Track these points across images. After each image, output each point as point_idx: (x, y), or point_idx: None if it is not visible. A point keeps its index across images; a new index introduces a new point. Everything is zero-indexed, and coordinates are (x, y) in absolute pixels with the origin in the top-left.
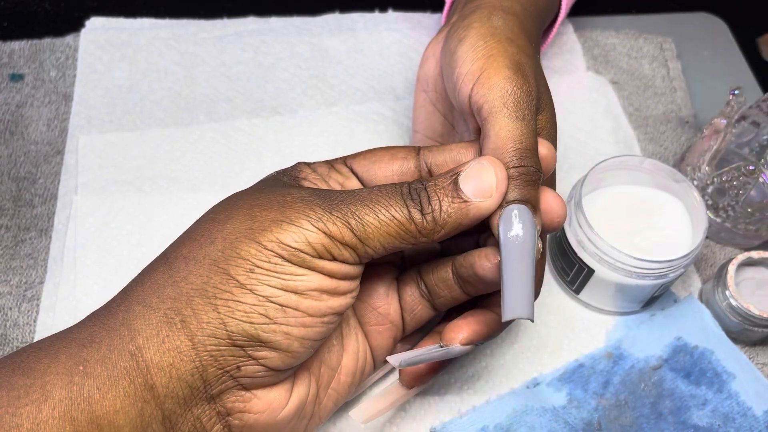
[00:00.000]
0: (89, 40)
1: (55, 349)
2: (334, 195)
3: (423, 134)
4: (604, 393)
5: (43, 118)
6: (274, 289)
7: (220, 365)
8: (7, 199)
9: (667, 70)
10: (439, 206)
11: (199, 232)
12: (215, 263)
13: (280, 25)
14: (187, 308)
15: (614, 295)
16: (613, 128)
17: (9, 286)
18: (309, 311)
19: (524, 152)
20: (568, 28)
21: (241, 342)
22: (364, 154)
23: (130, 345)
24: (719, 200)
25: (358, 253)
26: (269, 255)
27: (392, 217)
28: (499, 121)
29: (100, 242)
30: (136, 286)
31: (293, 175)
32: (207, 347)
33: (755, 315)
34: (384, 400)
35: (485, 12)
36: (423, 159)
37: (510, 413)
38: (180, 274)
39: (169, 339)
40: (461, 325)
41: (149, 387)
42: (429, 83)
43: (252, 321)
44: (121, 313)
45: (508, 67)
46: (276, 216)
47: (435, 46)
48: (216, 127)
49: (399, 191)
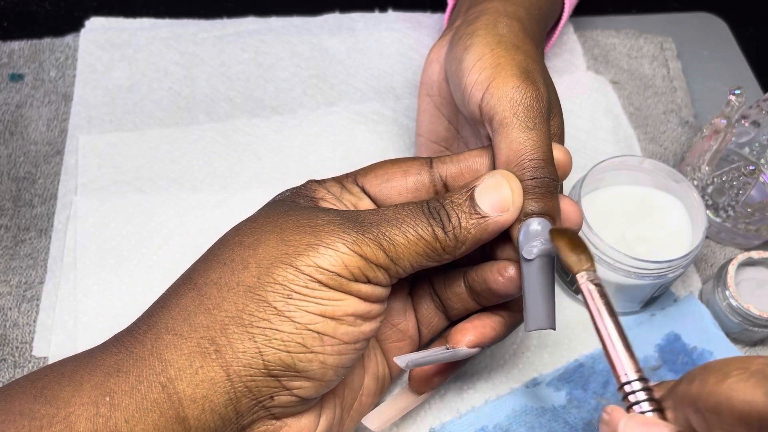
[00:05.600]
0: (89, 40)
1: (78, 377)
2: (362, 216)
3: (427, 138)
4: (604, 393)
5: (43, 118)
6: (313, 315)
7: (254, 396)
8: (7, 199)
9: (667, 69)
10: (458, 223)
11: (227, 256)
12: (251, 290)
13: (280, 25)
14: (222, 337)
15: (614, 295)
16: (613, 128)
17: (9, 286)
18: (344, 338)
19: (538, 162)
20: (569, 28)
21: (277, 372)
22: (375, 172)
23: (162, 376)
24: (719, 200)
25: (390, 274)
26: (306, 280)
27: (420, 236)
28: (511, 132)
29: (100, 242)
30: (162, 312)
31: (309, 196)
32: (242, 378)
33: (755, 315)
34: (394, 406)
35: (490, 18)
36: (437, 171)
37: (509, 413)
38: (212, 301)
39: (203, 370)
40: (468, 327)
41: (180, 420)
42: (433, 88)
43: (289, 350)
44: (149, 342)
45: (517, 76)
46: (311, 240)
47: (439, 50)
48: (216, 127)
49: (422, 209)
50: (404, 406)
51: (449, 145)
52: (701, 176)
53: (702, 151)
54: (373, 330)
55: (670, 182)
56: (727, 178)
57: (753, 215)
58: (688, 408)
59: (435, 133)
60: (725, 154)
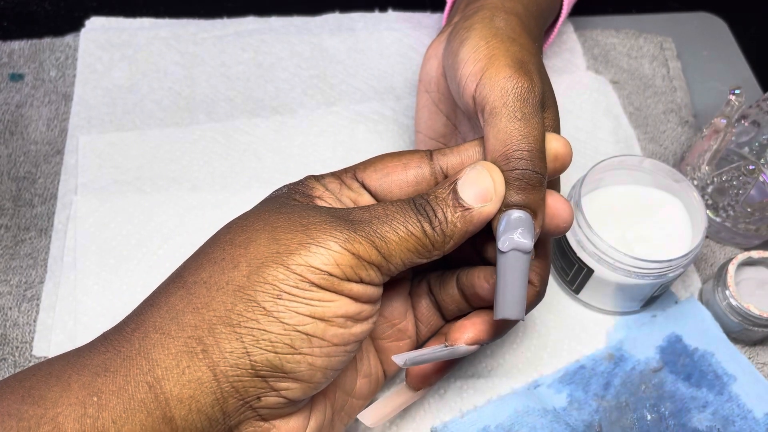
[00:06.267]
0: (89, 40)
1: (66, 376)
2: (353, 214)
3: (425, 134)
4: (605, 395)
5: (43, 118)
6: (302, 316)
7: (241, 396)
8: (7, 199)
9: (667, 69)
10: (444, 217)
11: (218, 255)
12: (240, 289)
13: (280, 25)
14: (209, 337)
15: (614, 295)
16: (613, 128)
17: (9, 286)
18: (334, 340)
19: (522, 153)
20: (568, 28)
21: (264, 372)
22: (375, 166)
23: (148, 376)
24: (719, 200)
25: (382, 272)
26: (297, 280)
27: (410, 232)
28: (498, 122)
29: (100, 242)
30: (151, 310)
31: (306, 193)
32: (229, 378)
33: (755, 315)
34: (391, 402)
35: (487, 13)
36: (437, 163)
37: (511, 413)
38: (201, 300)
39: (189, 370)
40: (466, 325)
41: (167, 420)
42: (431, 84)
43: (277, 351)
44: (137, 341)
45: (509, 66)
46: (302, 239)
47: (437, 46)
48: (216, 127)
49: (410, 205)
50: (401, 402)
51: (447, 141)
52: (701, 176)
53: (702, 150)
54: (364, 332)
55: (670, 182)
56: (727, 178)
57: (753, 215)
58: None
59: (433, 130)
60: (725, 153)
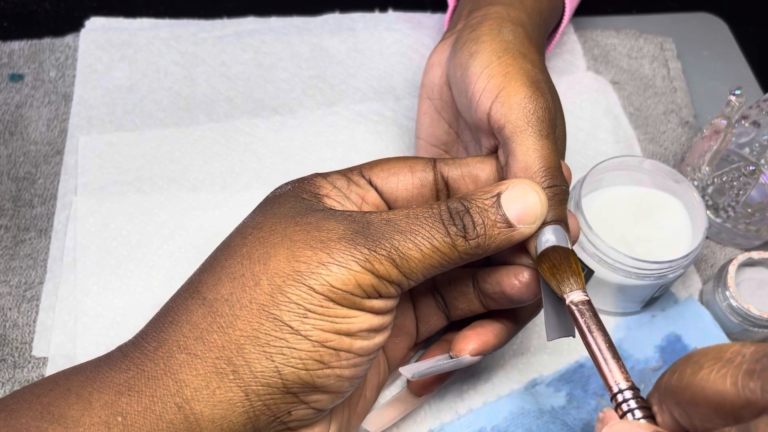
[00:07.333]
0: (89, 40)
1: (86, 394)
2: (373, 227)
3: (426, 141)
4: (605, 393)
5: (43, 118)
6: (328, 333)
7: (272, 413)
8: (7, 200)
9: (667, 70)
10: (484, 231)
11: (236, 270)
12: (264, 308)
13: (280, 25)
14: (239, 357)
15: (614, 296)
16: (614, 128)
17: (9, 286)
18: (360, 352)
19: (554, 171)
20: (569, 28)
21: (295, 389)
22: (381, 165)
23: (177, 397)
24: (719, 200)
25: (401, 287)
26: (321, 299)
27: (435, 249)
28: (526, 140)
29: (100, 242)
30: (172, 327)
31: (313, 192)
32: (261, 397)
33: (755, 315)
34: (394, 409)
35: (494, 24)
36: (440, 171)
37: (507, 415)
38: (225, 318)
39: (220, 391)
40: (471, 336)
41: None
42: (434, 91)
43: (308, 368)
44: (161, 360)
45: (527, 86)
46: (323, 257)
47: (440, 53)
48: (216, 127)
49: (438, 217)
50: (403, 408)
51: (449, 148)
52: (701, 176)
53: (702, 151)
54: (384, 339)
55: (671, 182)
56: (728, 179)
57: (753, 215)
58: (670, 401)
59: (435, 137)
60: (725, 154)
